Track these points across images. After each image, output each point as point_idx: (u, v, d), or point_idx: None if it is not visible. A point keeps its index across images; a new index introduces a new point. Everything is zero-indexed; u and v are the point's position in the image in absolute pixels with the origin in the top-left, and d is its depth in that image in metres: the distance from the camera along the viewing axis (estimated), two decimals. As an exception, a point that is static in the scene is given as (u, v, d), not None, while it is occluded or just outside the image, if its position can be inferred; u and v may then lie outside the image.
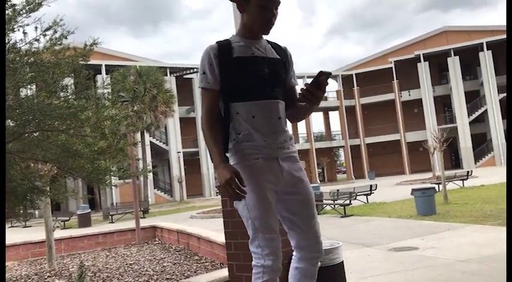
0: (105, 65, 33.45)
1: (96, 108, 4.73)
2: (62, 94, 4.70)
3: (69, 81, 4.92)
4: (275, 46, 2.18)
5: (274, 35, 2.19)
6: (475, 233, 7.62)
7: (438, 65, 43.73)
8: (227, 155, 2.07)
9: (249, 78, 2.01)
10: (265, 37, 2.15)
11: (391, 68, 44.61)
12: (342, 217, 13.76)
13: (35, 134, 4.77)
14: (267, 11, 2.01)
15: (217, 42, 2.07)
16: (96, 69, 33.43)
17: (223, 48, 2.03)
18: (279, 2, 2.04)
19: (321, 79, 1.94)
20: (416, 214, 11.52)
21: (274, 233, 2.02)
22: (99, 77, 32.46)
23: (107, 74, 32.11)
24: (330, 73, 1.97)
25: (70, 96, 4.74)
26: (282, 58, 2.15)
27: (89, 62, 5.72)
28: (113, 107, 5.10)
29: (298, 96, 2.04)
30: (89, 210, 21.26)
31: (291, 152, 2.13)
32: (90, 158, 4.84)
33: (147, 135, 31.75)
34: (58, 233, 10.26)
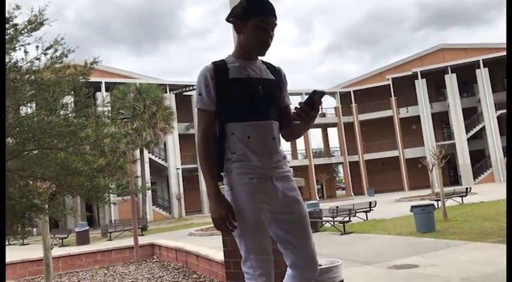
0: (105, 82, 33.63)
1: (96, 126, 4.75)
2: (62, 112, 4.74)
3: (69, 99, 4.95)
4: (269, 67, 2.21)
5: (272, 53, 2.23)
6: (476, 251, 7.58)
7: (435, 82, 44.03)
8: (222, 174, 2.09)
9: (244, 99, 2.04)
10: (260, 57, 2.18)
11: (389, 85, 44.91)
12: (341, 234, 13.70)
13: (34, 152, 4.78)
14: (264, 33, 2.05)
15: (213, 62, 2.10)
16: (96, 86, 33.59)
17: (219, 69, 2.06)
18: (276, 24, 2.08)
19: (314, 98, 1.96)
20: (415, 231, 11.46)
21: (267, 254, 2.03)
22: (99, 95, 32.62)
23: (106, 91, 32.27)
24: (324, 92, 1.99)
25: (70, 114, 4.77)
26: (277, 78, 2.18)
27: (89, 80, 5.76)
28: (112, 125, 5.13)
29: (292, 115, 2.07)
30: (87, 227, 21.12)
31: (285, 172, 2.14)
32: (90, 175, 4.84)
33: (146, 152, 31.74)
34: (56, 251, 10.18)
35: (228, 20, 2.14)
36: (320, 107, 2.03)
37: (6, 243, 24.33)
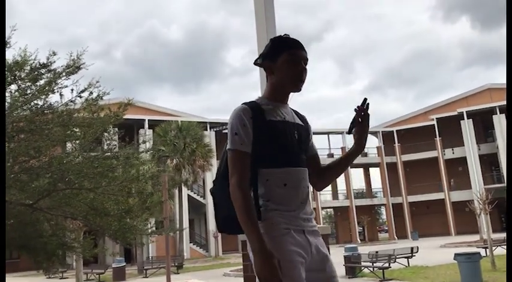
0: (148, 119, 34.73)
1: (123, 168, 4.82)
2: (92, 154, 4.85)
3: (100, 139, 5.08)
4: (296, 113, 2.10)
5: (312, 92, 2.22)
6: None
7: (483, 122, 42.59)
8: None
9: (281, 144, 1.91)
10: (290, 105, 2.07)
11: (433, 125, 43.77)
12: (380, 281, 13.17)
13: (64, 192, 4.89)
14: (297, 66, 1.96)
15: (245, 103, 1.96)
16: (140, 123, 34.69)
17: (255, 110, 1.92)
18: (307, 59, 2.00)
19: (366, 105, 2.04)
20: (460, 281, 10.80)
21: None
22: (141, 131, 33.60)
23: (150, 128, 33.20)
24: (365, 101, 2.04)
25: (99, 156, 4.88)
26: (305, 125, 2.08)
27: (133, 117, 5.94)
28: (141, 166, 5.20)
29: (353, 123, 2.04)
30: (124, 263, 21.29)
31: (315, 226, 1.99)
32: (118, 215, 4.88)
33: (185, 189, 32.04)
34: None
35: (256, 63, 2.04)
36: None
37: (46, 276, 24.78)
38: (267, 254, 1.73)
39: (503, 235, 22.71)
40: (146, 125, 34.49)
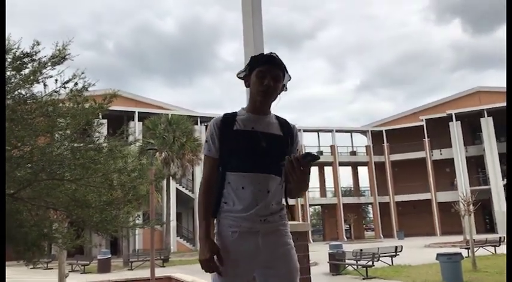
0: (138, 112, 34.53)
1: (105, 160, 4.83)
2: (75, 145, 4.84)
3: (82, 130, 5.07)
4: (283, 123, 2.24)
5: (304, 90, 2.23)
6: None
7: (471, 124, 43.00)
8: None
9: (244, 151, 2.10)
10: (275, 113, 2.24)
11: (422, 126, 44.14)
12: (363, 279, 13.32)
13: (46, 182, 4.87)
14: (263, 79, 2.12)
15: (224, 114, 2.23)
16: (130, 116, 34.53)
17: (226, 121, 2.18)
18: (278, 76, 2.14)
19: (305, 160, 1.87)
20: (441, 280, 10.97)
21: None
22: (132, 124, 33.45)
23: (140, 120, 33.05)
24: (317, 157, 1.89)
25: (82, 147, 4.87)
26: (285, 135, 2.20)
27: (123, 109, 5.91)
28: (123, 159, 5.20)
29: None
30: (109, 255, 21.23)
31: (276, 226, 2.12)
32: (99, 207, 4.88)
33: (173, 182, 31.96)
34: (76, 278, 10.19)
35: (238, 76, 2.27)
36: (308, 168, 1.90)
37: (31, 266, 24.63)
38: (207, 241, 2.05)
39: (487, 236, 23.00)
40: (136, 117, 34.32)
